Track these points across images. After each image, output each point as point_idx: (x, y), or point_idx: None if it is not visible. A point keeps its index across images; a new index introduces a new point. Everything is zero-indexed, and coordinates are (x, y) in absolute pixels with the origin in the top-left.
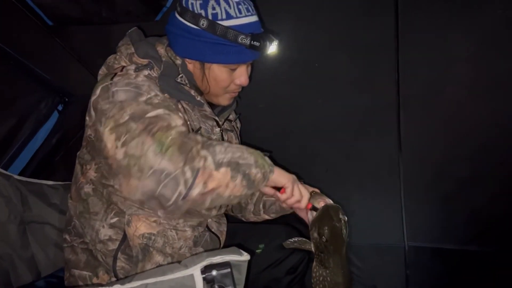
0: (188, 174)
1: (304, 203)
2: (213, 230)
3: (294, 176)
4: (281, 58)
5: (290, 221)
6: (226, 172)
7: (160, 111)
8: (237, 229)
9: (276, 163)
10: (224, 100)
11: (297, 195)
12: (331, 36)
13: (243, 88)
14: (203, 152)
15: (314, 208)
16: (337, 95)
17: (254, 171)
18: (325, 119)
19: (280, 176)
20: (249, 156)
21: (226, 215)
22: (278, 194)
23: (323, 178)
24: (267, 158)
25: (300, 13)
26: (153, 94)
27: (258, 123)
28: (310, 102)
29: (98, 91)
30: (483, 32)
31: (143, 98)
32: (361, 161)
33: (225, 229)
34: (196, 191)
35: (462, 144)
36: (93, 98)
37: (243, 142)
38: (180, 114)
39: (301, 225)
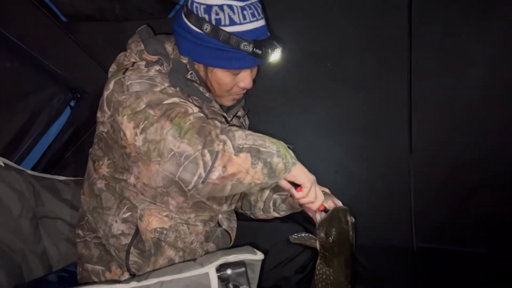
0: (207, 156)
1: (317, 205)
2: (223, 226)
3: (314, 177)
4: (292, 57)
5: (298, 220)
6: (246, 158)
7: (176, 99)
8: (247, 227)
9: (299, 158)
10: (227, 101)
11: (312, 197)
12: (344, 36)
13: (255, 87)
14: (222, 137)
15: (325, 210)
16: (348, 95)
17: (276, 160)
18: (336, 119)
19: (301, 174)
20: (271, 145)
21: (236, 213)
22: (294, 191)
23: (332, 178)
24: (290, 151)
25: (312, 12)
26: (166, 85)
27: (268, 122)
28: (322, 102)
29: (111, 85)
30: (497, 34)
31: (158, 89)
32: (371, 162)
33: (235, 226)
34: (215, 174)
35: (474, 147)
36: (106, 92)
37: None
38: (195, 103)
39: (308, 223)
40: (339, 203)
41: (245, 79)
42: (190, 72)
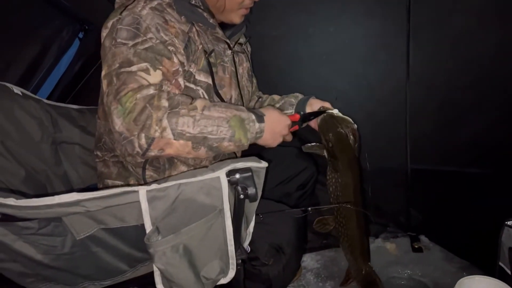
0: (143, 140)
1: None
2: None
3: (278, 139)
4: None
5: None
6: (186, 144)
7: (142, 65)
8: (252, 149)
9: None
10: (236, 16)
11: None
12: None
13: (257, 14)
14: (164, 123)
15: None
16: (348, 23)
17: (225, 144)
18: (336, 47)
19: (263, 144)
20: (225, 130)
21: None
22: None
23: (332, 104)
24: (256, 126)
25: None
26: (149, 36)
27: (271, 50)
28: (322, 30)
29: (109, 24)
30: None
31: (138, 40)
32: (370, 88)
33: None
34: (152, 154)
35: (468, 73)
36: (104, 32)
37: (255, 67)
38: (174, 59)
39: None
40: (333, 110)
41: None
42: None
